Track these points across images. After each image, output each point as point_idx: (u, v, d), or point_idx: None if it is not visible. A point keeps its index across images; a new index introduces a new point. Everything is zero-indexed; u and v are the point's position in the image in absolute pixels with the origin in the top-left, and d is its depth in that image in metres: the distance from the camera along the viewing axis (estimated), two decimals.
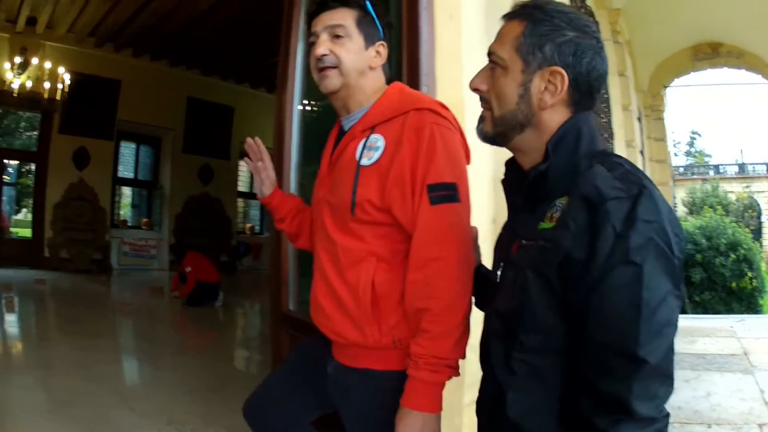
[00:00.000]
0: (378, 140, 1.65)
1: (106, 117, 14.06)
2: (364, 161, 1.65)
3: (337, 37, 1.71)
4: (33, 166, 15.38)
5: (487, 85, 1.31)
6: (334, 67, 1.71)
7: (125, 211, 17.24)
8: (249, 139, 2.00)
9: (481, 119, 1.34)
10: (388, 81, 1.85)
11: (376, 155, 1.64)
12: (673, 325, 1.05)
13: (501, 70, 1.28)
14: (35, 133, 15.33)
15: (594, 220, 1.06)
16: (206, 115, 16.10)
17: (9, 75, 12.30)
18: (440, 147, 1.57)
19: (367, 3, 1.78)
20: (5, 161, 15.02)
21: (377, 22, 1.78)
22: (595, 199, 1.07)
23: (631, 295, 1.02)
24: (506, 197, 1.43)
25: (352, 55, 1.72)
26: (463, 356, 1.56)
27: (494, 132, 1.31)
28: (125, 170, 15.80)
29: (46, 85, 12.02)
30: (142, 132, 15.50)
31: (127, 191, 16.74)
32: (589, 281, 1.05)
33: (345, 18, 1.73)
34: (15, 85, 12.27)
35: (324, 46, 1.71)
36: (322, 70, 1.72)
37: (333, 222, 1.72)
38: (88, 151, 13.80)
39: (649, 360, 1.01)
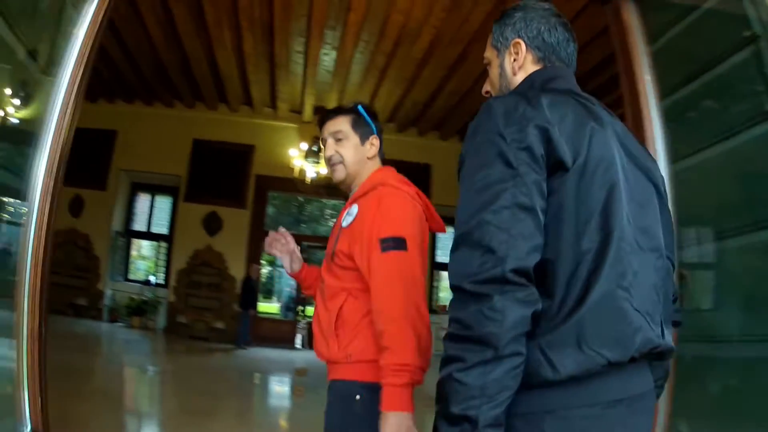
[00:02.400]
0: (354, 209, 2.18)
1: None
2: (344, 224, 2.18)
3: (339, 140, 2.27)
4: None
5: (488, 85, 1.69)
6: (340, 163, 2.27)
7: None
8: (273, 232, 2.51)
9: None
10: (384, 163, 2.38)
11: (350, 219, 2.16)
12: (489, 199, 1.18)
13: (489, 66, 1.67)
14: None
15: None
16: None
17: (299, 163, 13.18)
18: (392, 210, 2.06)
19: (359, 107, 2.34)
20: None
21: (369, 120, 2.33)
22: None
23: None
24: None
25: (351, 151, 2.27)
26: (423, 365, 1.92)
27: None
28: None
29: None
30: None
31: None
32: None
33: (343, 123, 2.29)
34: (310, 174, 13.09)
35: (330, 149, 2.29)
36: (332, 166, 2.29)
37: (325, 267, 2.25)
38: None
39: (459, 231, 1.22)
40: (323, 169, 12.89)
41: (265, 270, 17.78)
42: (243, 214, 14.58)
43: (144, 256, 16.92)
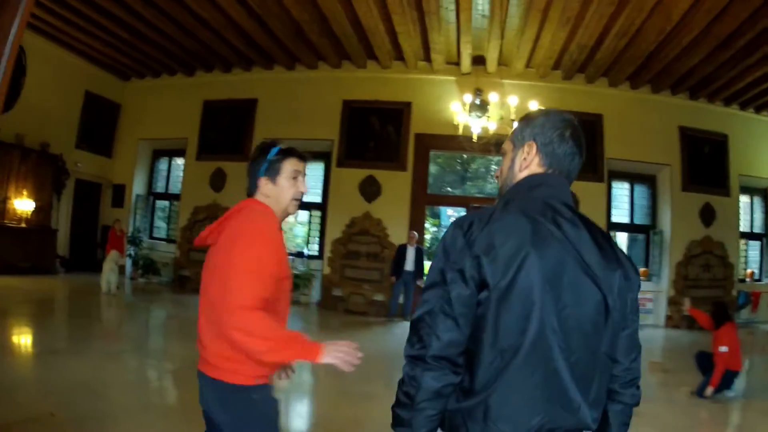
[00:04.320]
0: None
1: (593, 156, 12.99)
2: None
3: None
4: None
5: (499, 170, 1.96)
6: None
7: None
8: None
9: (498, 193, 1.97)
10: None
11: None
12: (429, 302, 1.61)
13: (504, 156, 1.94)
14: None
15: None
16: (699, 146, 13.91)
17: (462, 119, 12.00)
18: None
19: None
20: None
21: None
22: None
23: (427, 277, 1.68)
24: None
25: None
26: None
27: (500, 195, 1.91)
28: (619, 214, 14.46)
29: (515, 126, 10.72)
30: (635, 170, 14.06)
31: (621, 238, 14.84)
32: None
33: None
34: (475, 130, 11.95)
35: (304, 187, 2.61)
36: (299, 200, 2.60)
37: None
38: (576, 196, 11.90)
39: (412, 317, 1.67)
40: (492, 124, 12.04)
41: (428, 235, 16.57)
42: (403, 176, 13.73)
43: (295, 227, 16.40)
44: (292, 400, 6.20)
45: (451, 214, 15.99)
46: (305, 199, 10.37)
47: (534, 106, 10.27)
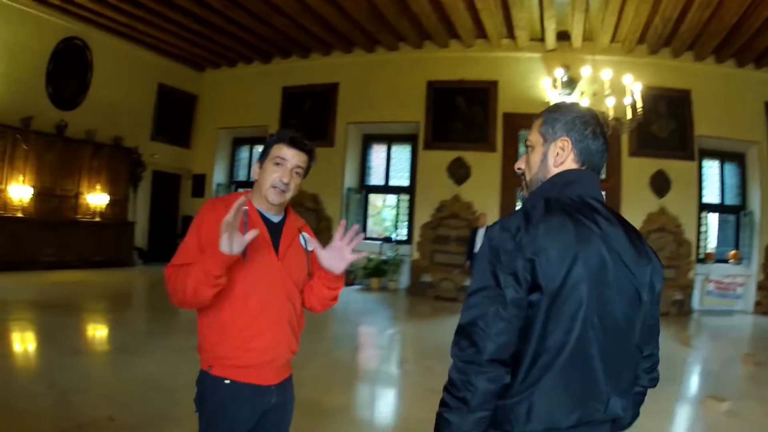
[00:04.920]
0: (307, 236, 2.57)
1: (682, 133, 12.59)
2: (309, 248, 2.52)
3: (297, 173, 2.46)
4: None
5: (524, 164, 1.92)
6: (287, 192, 2.44)
7: (710, 244, 14.15)
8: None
9: (521, 189, 2.02)
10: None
11: (312, 245, 2.49)
12: (479, 305, 1.60)
13: (531, 149, 1.89)
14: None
15: None
16: None
17: (551, 97, 11.40)
18: None
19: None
20: None
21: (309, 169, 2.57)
22: None
23: (472, 284, 1.67)
24: None
25: (296, 188, 2.49)
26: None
27: (527, 193, 1.86)
28: (709, 194, 13.66)
29: (609, 102, 9.92)
30: (724, 148, 13.31)
31: (712, 219, 14.01)
32: None
33: (305, 163, 2.49)
34: None
35: (289, 177, 2.43)
36: (282, 191, 2.42)
37: (298, 284, 2.51)
38: (667, 175, 12.51)
39: (460, 322, 1.64)
40: (585, 100, 11.24)
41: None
42: (492, 157, 13.35)
43: (383, 212, 16.11)
44: (376, 397, 6.05)
45: None
46: (393, 182, 11.71)
47: (628, 80, 9.88)
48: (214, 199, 2.51)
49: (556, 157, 1.81)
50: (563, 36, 12.47)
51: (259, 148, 16.35)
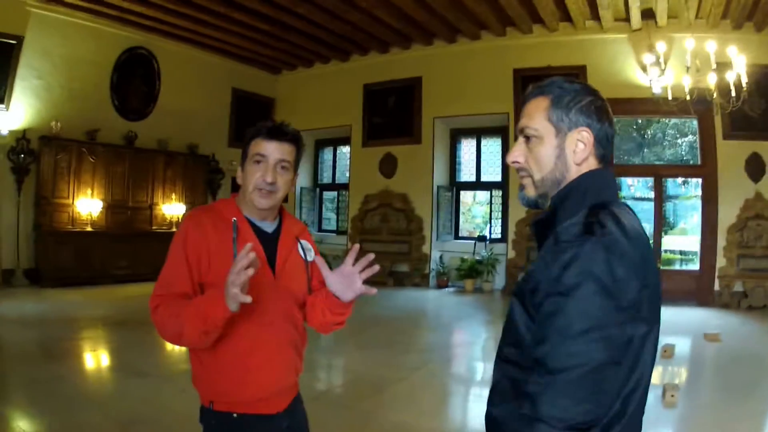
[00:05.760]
0: (306, 244, 2.31)
1: None
2: (309, 258, 2.28)
3: (283, 168, 2.16)
4: (696, 181, 13.09)
5: (524, 157, 1.57)
6: (275, 192, 2.16)
7: None
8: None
9: (522, 187, 1.60)
10: None
11: (312, 254, 2.28)
12: (595, 350, 1.24)
13: (536, 140, 1.54)
14: (688, 140, 13.94)
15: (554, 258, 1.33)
16: None
17: (642, 79, 11.14)
18: None
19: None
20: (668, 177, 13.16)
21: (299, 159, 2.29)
22: (557, 242, 1.35)
23: (556, 320, 1.27)
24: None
25: (287, 186, 2.19)
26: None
27: (537, 194, 1.56)
28: None
29: (711, 79, 9.27)
30: None
31: None
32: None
33: (291, 154, 2.19)
34: (656, 89, 10.83)
35: (273, 176, 2.13)
36: (268, 192, 2.13)
37: (297, 300, 2.26)
38: (762, 158, 11.54)
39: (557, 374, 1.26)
40: (686, 78, 10.40)
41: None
42: None
43: (473, 209, 15.76)
44: (472, 417, 5.50)
45: (631, 183, 14.80)
46: (485, 178, 10.98)
47: (733, 52, 9.03)
48: (196, 209, 2.27)
49: (574, 153, 1.52)
50: (647, 15, 11.75)
51: (344, 149, 16.27)
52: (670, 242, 13.89)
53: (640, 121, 14.00)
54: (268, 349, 2.11)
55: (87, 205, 12.44)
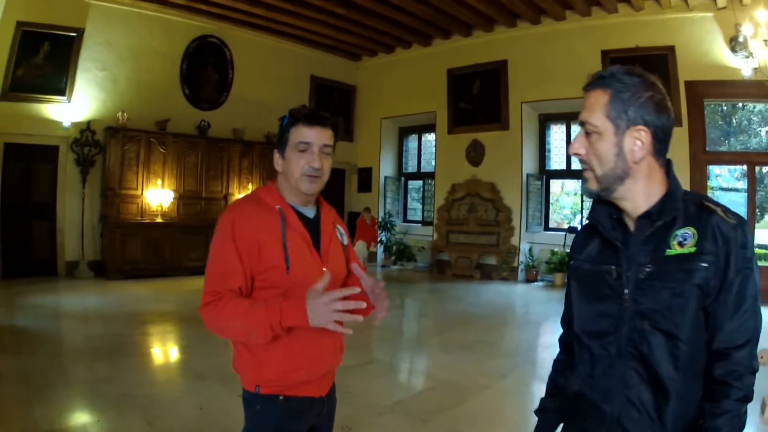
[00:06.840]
0: (339, 228, 2.41)
1: None
2: (345, 242, 2.40)
3: (326, 153, 2.21)
4: None
5: (585, 149, 1.63)
6: (321, 177, 2.20)
7: None
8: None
9: (585, 180, 1.67)
10: None
11: (345, 238, 2.43)
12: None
13: (596, 135, 1.60)
14: None
15: (724, 246, 1.50)
16: None
17: (731, 60, 10.64)
18: None
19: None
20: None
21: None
22: (723, 233, 1.51)
23: (752, 289, 1.52)
24: (599, 235, 1.72)
25: (329, 169, 2.25)
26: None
27: (600, 188, 1.62)
28: None
29: None
30: None
31: None
32: (724, 284, 1.50)
33: (332, 138, 2.23)
34: (746, 73, 10.40)
35: (319, 161, 2.18)
36: (315, 177, 2.18)
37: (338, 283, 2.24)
38: None
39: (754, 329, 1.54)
40: None
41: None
42: (678, 132, 11.79)
43: (560, 199, 15.13)
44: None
45: (718, 173, 13.74)
46: (576, 164, 9.07)
47: None
48: (237, 202, 2.26)
49: (633, 150, 1.57)
50: None
51: (429, 137, 15.98)
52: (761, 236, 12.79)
53: (724, 107, 13.04)
54: (317, 331, 2.07)
55: (157, 196, 12.48)
